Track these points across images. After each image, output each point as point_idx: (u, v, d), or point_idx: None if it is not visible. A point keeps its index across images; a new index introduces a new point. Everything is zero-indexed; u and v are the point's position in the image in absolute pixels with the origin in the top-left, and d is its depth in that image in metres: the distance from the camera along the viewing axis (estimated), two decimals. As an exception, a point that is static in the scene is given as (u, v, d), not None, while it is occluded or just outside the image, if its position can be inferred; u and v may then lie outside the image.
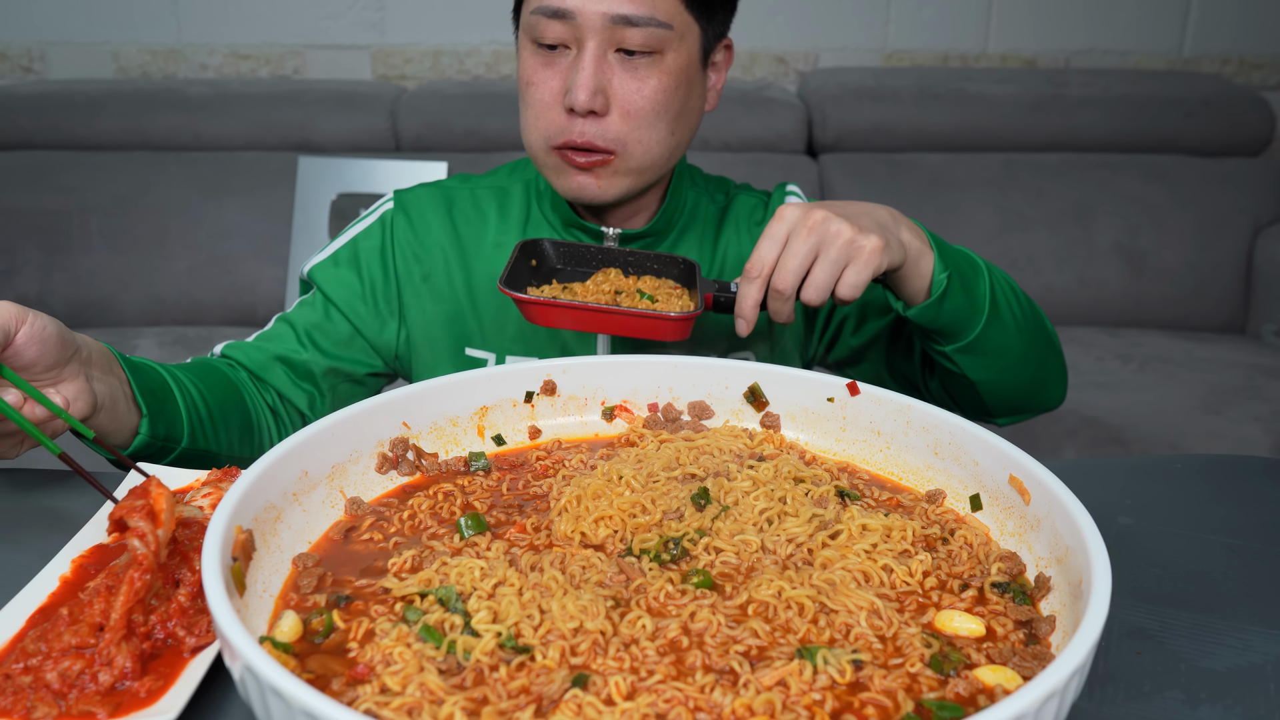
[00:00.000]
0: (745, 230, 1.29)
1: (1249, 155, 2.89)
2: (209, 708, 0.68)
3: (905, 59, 3.11)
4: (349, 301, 1.23)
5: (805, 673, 0.61)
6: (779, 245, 0.98)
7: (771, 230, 0.98)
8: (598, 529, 0.78)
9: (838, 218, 0.96)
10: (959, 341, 1.08)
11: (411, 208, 1.28)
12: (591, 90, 1.07)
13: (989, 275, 1.09)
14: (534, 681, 0.61)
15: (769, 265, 0.98)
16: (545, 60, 1.11)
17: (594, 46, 1.08)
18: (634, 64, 1.09)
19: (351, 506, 0.82)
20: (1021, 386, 1.16)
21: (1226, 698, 0.71)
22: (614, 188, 1.14)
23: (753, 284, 0.99)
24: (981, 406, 1.18)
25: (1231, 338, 2.72)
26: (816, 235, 0.96)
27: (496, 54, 3.04)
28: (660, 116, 1.12)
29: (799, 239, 0.96)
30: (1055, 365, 1.19)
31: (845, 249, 0.96)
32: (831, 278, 0.97)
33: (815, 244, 0.96)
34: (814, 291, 0.98)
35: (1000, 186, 2.78)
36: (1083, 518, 0.69)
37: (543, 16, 1.08)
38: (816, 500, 0.82)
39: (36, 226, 2.60)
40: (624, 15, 1.06)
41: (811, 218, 0.97)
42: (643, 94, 1.10)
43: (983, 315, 1.07)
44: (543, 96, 1.12)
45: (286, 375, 1.20)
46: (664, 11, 1.07)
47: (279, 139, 2.74)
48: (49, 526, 0.88)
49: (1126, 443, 2.17)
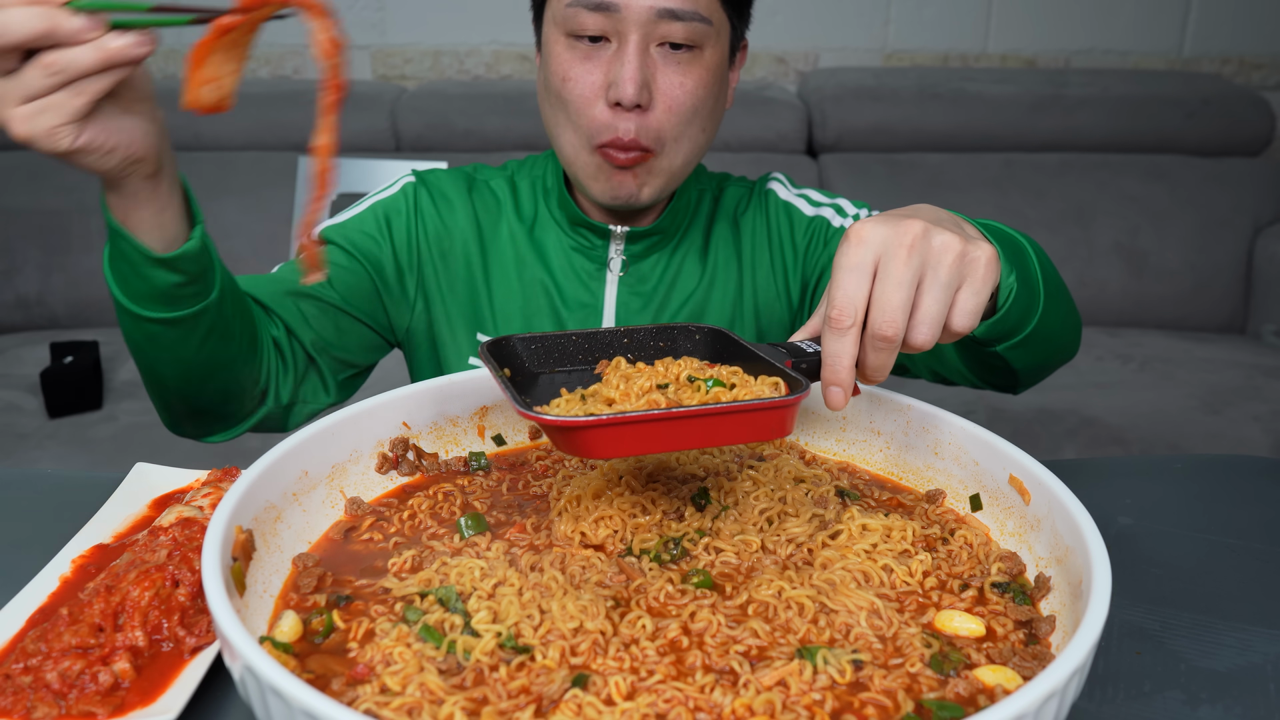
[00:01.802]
0: (729, 224, 1.27)
1: (1249, 155, 2.89)
2: (209, 708, 0.68)
3: (905, 59, 3.11)
4: (372, 254, 1.19)
5: (805, 673, 0.61)
6: (868, 276, 0.72)
7: (852, 259, 0.72)
8: (598, 529, 0.78)
9: (936, 227, 0.74)
10: (1014, 339, 0.94)
11: (433, 185, 1.25)
12: (639, 83, 1.05)
13: (1034, 253, 0.94)
14: (534, 681, 0.61)
15: (861, 306, 0.72)
16: (584, 54, 1.08)
17: (638, 39, 1.05)
18: (676, 58, 1.08)
19: (351, 506, 0.82)
20: (1057, 356, 1.05)
21: (1226, 698, 0.71)
22: (651, 188, 1.13)
23: (845, 336, 0.72)
24: (1011, 383, 1.08)
25: (1231, 338, 2.72)
26: (919, 254, 0.72)
27: (496, 54, 3.04)
28: (698, 113, 1.10)
29: (897, 263, 0.72)
30: (1076, 320, 1.08)
31: (957, 266, 0.73)
32: (945, 306, 0.73)
33: (919, 266, 0.72)
34: (926, 329, 0.73)
35: (1000, 186, 2.78)
36: (1083, 518, 0.69)
37: (583, 9, 1.05)
38: (817, 500, 0.82)
39: (36, 226, 2.60)
40: (670, 9, 1.04)
41: (908, 231, 0.72)
42: (685, 89, 1.08)
43: (1039, 305, 0.92)
44: (583, 91, 1.08)
45: (297, 310, 1.13)
46: (705, 6, 1.07)
47: (279, 139, 2.74)
48: (49, 526, 0.88)
49: (1126, 443, 2.17)
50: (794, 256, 1.25)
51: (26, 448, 2.02)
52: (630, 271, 1.21)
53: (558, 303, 1.21)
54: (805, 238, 1.25)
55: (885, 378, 0.75)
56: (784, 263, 1.25)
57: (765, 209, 1.27)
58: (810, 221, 1.25)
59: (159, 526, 0.81)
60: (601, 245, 1.21)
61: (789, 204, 1.27)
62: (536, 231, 1.24)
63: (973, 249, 0.74)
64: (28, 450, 2.01)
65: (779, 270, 1.25)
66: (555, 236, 1.22)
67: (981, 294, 0.74)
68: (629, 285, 1.21)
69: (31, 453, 2.01)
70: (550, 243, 1.23)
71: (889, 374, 0.76)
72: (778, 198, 1.27)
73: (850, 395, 0.74)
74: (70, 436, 2.06)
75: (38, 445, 2.03)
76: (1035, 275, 0.92)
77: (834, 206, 1.25)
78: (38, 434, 2.06)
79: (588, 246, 1.21)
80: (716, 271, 1.25)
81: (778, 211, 1.26)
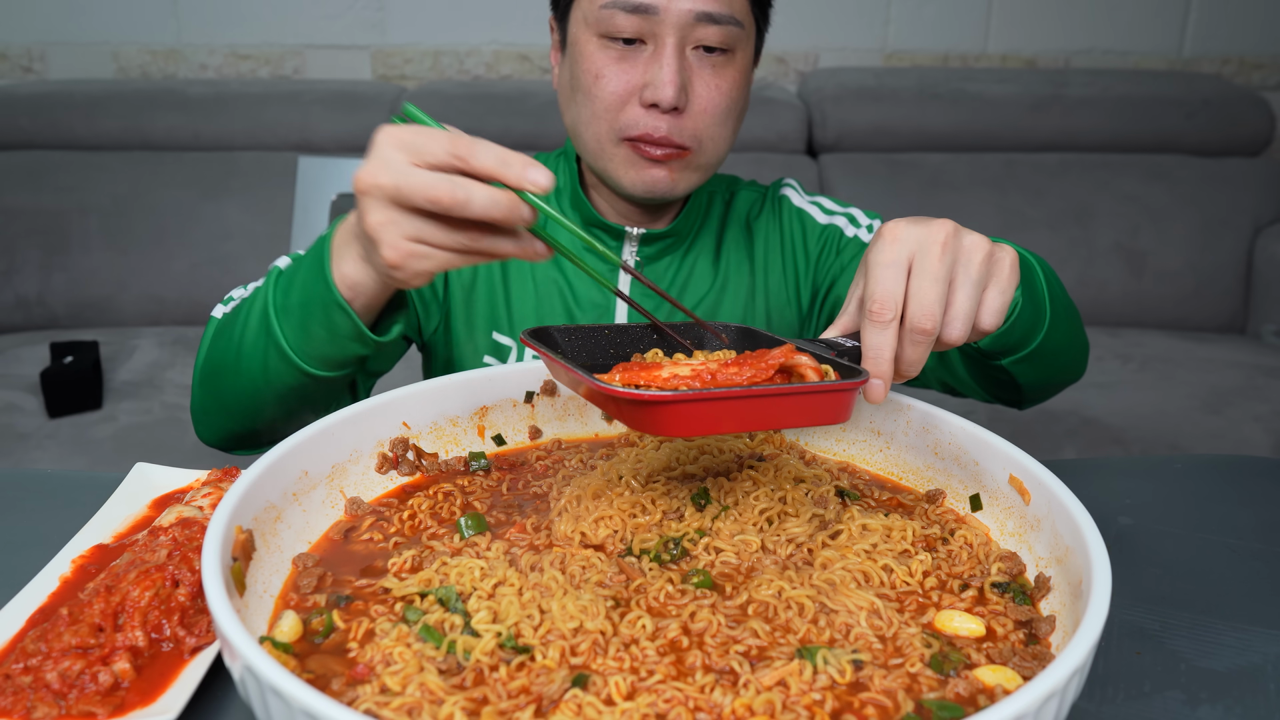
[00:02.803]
0: (741, 228, 1.28)
1: (1249, 155, 2.89)
2: (209, 708, 0.68)
3: (905, 59, 3.11)
4: None
5: (805, 673, 0.61)
6: (904, 272, 0.75)
7: (888, 255, 0.76)
8: (598, 529, 0.78)
9: (964, 228, 0.78)
10: (1019, 353, 0.97)
11: None
12: (678, 86, 1.06)
13: (1042, 272, 0.97)
14: (534, 681, 0.61)
15: (900, 300, 0.75)
16: (619, 54, 1.08)
17: (675, 43, 1.06)
18: (711, 61, 1.08)
19: (351, 506, 0.82)
20: (1062, 375, 1.10)
21: (1226, 698, 0.71)
22: (684, 182, 1.13)
23: (886, 330, 0.75)
24: (1017, 398, 1.12)
25: (1231, 338, 2.72)
26: (951, 252, 0.76)
27: (496, 54, 3.04)
28: (730, 114, 1.11)
29: (932, 259, 0.75)
30: (1084, 340, 1.13)
31: (985, 265, 0.77)
32: (975, 303, 0.77)
33: (951, 263, 0.76)
34: (960, 324, 0.76)
35: (1000, 186, 2.78)
36: (1083, 518, 0.69)
37: (619, 11, 1.05)
38: (816, 500, 0.82)
39: (36, 226, 2.60)
40: (707, 12, 1.05)
41: (940, 231, 0.76)
42: (721, 90, 1.09)
43: (1045, 321, 0.95)
44: (616, 89, 1.08)
45: None
46: (739, 10, 1.08)
47: (279, 139, 2.74)
48: (49, 526, 0.88)
49: (1126, 443, 2.17)
50: (806, 263, 1.26)
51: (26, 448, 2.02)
52: (645, 273, 1.22)
53: (571, 303, 1.21)
54: (818, 245, 1.26)
55: (919, 372, 0.78)
56: (796, 269, 1.26)
57: (779, 215, 1.28)
58: (823, 230, 1.26)
59: (159, 526, 0.81)
60: (615, 246, 1.21)
61: (802, 211, 1.28)
62: (549, 231, 1.23)
63: (998, 250, 0.78)
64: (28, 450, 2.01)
65: (790, 276, 1.26)
66: (568, 237, 1.22)
67: (1007, 293, 0.78)
68: (642, 287, 1.21)
69: (31, 453, 2.01)
70: (563, 243, 1.22)
71: (920, 370, 0.79)
72: (791, 204, 1.29)
73: (889, 388, 0.77)
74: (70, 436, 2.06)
75: (38, 445, 2.03)
76: (1042, 293, 0.95)
77: (847, 215, 1.26)
78: (38, 434, 2.06)
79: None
80: (729, 275, 1.26)
81: (791, 218, 1.28)
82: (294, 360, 0.90)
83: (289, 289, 0.89)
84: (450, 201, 0.71)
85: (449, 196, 0.70)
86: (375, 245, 0.75)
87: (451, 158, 0.71)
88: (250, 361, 0.93)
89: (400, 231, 0.73)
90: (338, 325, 0.86)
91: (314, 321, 0.88)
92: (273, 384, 0.93)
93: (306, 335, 0.89)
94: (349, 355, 0.90)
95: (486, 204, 0.71)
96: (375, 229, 0.74)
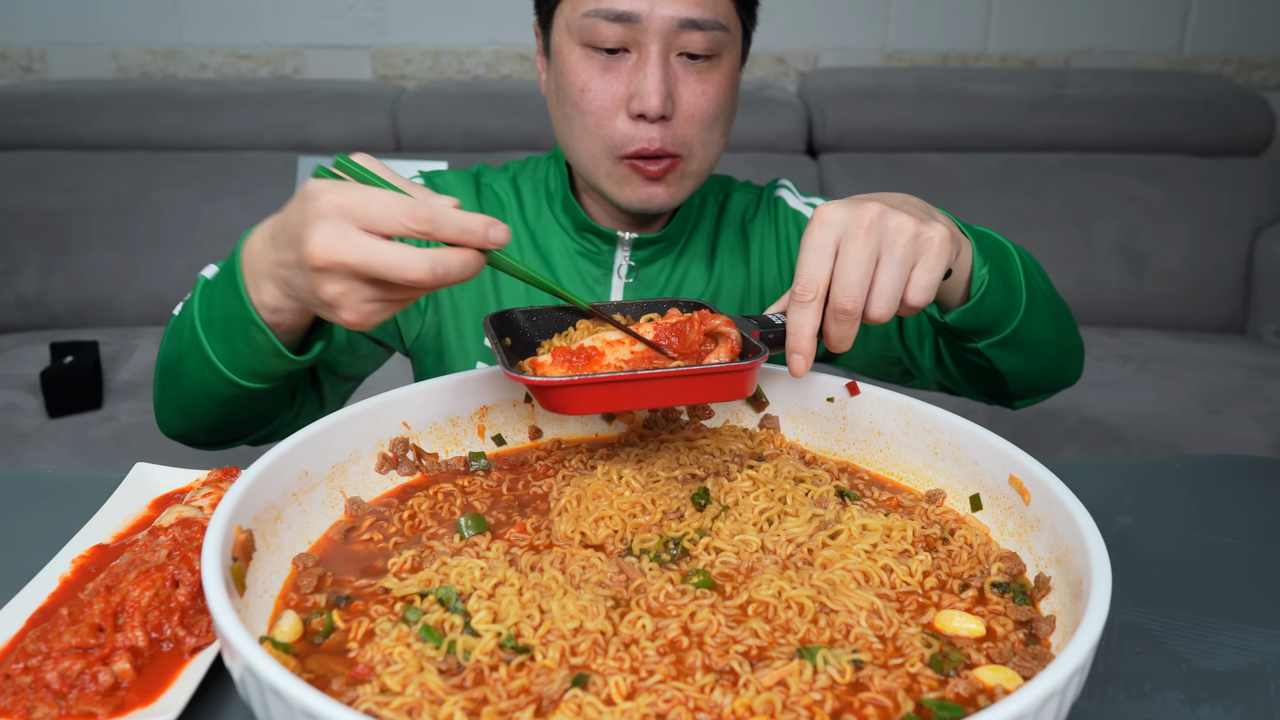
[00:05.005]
0: (736, 230, 1.27)
1: (1249, 155, 2.89)
2: (209, 708, 0.68)
3: (905, 59, 3.11)
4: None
5: (805, 673, 0.61)
6: (829, 255, 0.80)
7: (815, 239, 0.80)
8: (598, 529, 0.78)
9: (893, 209, 0.81)
10: (993, 336, 0.99)
11: (441, 189, 1.24)
12: (664, 95, 1.04)
13: (1020, 259, 0.99)
14: (534, 681, 0.61)
15: (823, 282, 0.80)
16: (603, 65, 1.07)
17: (659, 51, 1.05)
18: (696, 67, 1.07)
19: (351, 506, 0.82)
20: (1049, 369, 1.10)
21: (1226, 698, 0.71)
22: (681, 192, 1.12)
23: (807, 309, 0.80)
24: (1004, 394, 1.13)
25: (1231, 338, 2.72)
26: (876, 234, 0.79)
27: (496, 54, 3.04)
28: (718, 119, 1.11)
29: (856, 243, 0.79)
30: (1076, 341, 1.14)
31: (911, 245, 0.80)
32: (901, 282, 0.80)
33: (876, 245, 0.79)
34: (884, 303, 0.80)
35: (1000, 186, 2.78)
36: (1083, 518, 0.69)
37: (602, 20, 1.04)
38: (816, 500, 0.82)
39: (36, 226, 2.60)
40: (691, 19, 1.04)
41: (865, 214, 0.80)
42: (707, 96, 1.08)
43: (1020, 306, 0.97)
44: (603, 103, 1.07)
45: None
46: (723, 14, 1.07)
47: (279, 139, 2.74)
48: (49, 526, 0.88)
49: (1126, 443, 2.17)
50: None
51: (26, 448, 2.02)
52: (638, 278, 1.21)
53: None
54: None
55: (849, 347, 0.83)
56: (791, 270, 1.25)
57: (774, 217, 1.28)
58: None
59: (159, 526, 0.81)
60: (608, 251, 1.20)
61: (797, 212, 1.27)
62: (540, 235, 1.23)
63: (926, 229, 0.81)
64: (28, 450, 2.01)
65: (786, 277, 1.26)
66: (560, 241, 1.22)
67: (935, 270, 0.81)
68: (635, 291, 1.21)
69: (31, 453, 2.01)
70: (555, 247, 1.22)
71: (852, 344, 0.86)
72: (787, 206, 1.28)
73: (811, 363, 0.82)
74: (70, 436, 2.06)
75: (38, 445, 2.03)
76: (1018, 277, 0.97)
77: None
78: (38, 434, 2.06)
79: (594, 251, 1.21)
80: (723, 277, 1.25)
81: (786, 220, 1.27)
82: (224, 372, 0.90)
83: (212, 302, 0.89)
84: (431, 281, 0.70)
85: (429, 276, 0.70)
86: (333, 310, 0.74)
87: (411, 228, 0.70)
88: (188, 368, 0.93)
89: (362, 297, 0.73)
90: (258, 343, 0.86)
91: (236, 337, 0.87)
92: (209, 393, 0.94)
93: (232, 349, 0.88)
94: (276, 370, 0.90)
95: (462, 274, 0.72)
96: (336, 299, 0.73)
